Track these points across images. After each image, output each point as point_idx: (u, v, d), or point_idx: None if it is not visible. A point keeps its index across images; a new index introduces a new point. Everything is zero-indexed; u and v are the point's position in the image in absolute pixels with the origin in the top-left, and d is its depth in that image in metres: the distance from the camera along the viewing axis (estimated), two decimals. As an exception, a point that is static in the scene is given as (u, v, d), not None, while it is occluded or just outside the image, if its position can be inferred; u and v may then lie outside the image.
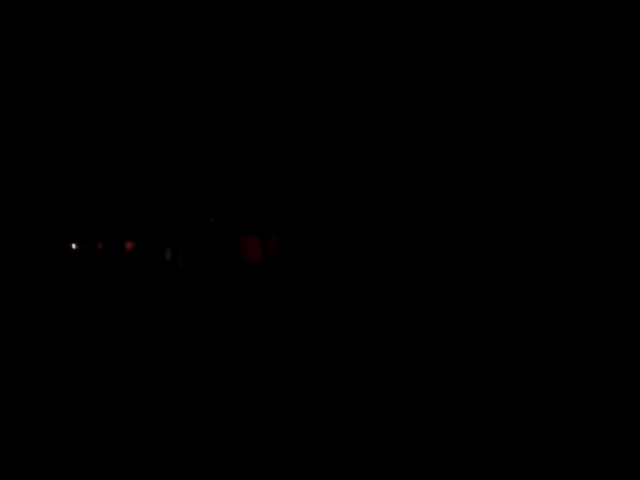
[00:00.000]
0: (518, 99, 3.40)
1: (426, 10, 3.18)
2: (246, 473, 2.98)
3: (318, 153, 4.32)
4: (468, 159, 3.76)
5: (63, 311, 5.29)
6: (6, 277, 5.19)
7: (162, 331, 5.24)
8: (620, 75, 3.10)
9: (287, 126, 4.39)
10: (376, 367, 3.82)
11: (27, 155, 4.33)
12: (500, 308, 3.93)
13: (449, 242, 3.90)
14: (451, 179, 3.76)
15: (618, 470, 3.03)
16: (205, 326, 5.19)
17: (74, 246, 4.67)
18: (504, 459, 3.10)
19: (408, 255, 4.37)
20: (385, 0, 3.29)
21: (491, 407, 3.47)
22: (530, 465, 3.09)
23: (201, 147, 4.63)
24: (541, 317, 3.79)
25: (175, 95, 4.21)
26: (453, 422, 3.40)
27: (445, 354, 3.72)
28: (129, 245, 5.12)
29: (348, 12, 3.34)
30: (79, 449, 3.22)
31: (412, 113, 3.46)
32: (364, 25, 3.41)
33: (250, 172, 4.80)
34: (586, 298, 3.69)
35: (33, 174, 4.40)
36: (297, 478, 2.91)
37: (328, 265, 5.12)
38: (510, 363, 3.74)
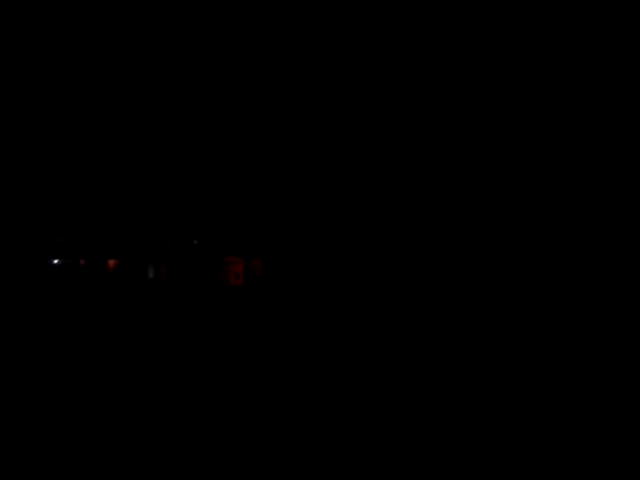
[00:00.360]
0: (517, 99, 3.45)
1: (426, 10, 3.24)
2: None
3: (302, 177, 4.36)
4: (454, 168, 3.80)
5: (43, 325, 5.22)
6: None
7: (141, 347, 5.17)
8: (620, 75, 3.16)
9: (271, 150, 4.43)
10: (357, 388, 3.76)
11: (9, 170, 4.33)
12: (495, 309, 3.91)
13: (435, 267, 3.91)
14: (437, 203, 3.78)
15: (618, 470, 2.99)
16: (183, 345, 5.14)
17: (56, 261, 4.64)
18: (504, 459, 3.05)
19: (393, 280, 4.38)
20: (385, 1, 3.35)
21: (489, 406, 3.42)
22: (530, 465, 3.04)
23: (186, 169, 4.66)
24: (538, 315, 3.77)
25: (159, 116, 4.24)
26: (447, 423, 3.35)
27: (433, 370, 3.67)
28: (112, 262, 5.09)
29: (346, 13, 3.40)
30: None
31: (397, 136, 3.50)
32: (356, 27, 3.47)
33: (235, 195, 4.83)
34: (585, 297, 3.68)
35: (17, 188, 4.39)
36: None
37: (311, 288, 5.12)
38: (507, 361, 3.69)
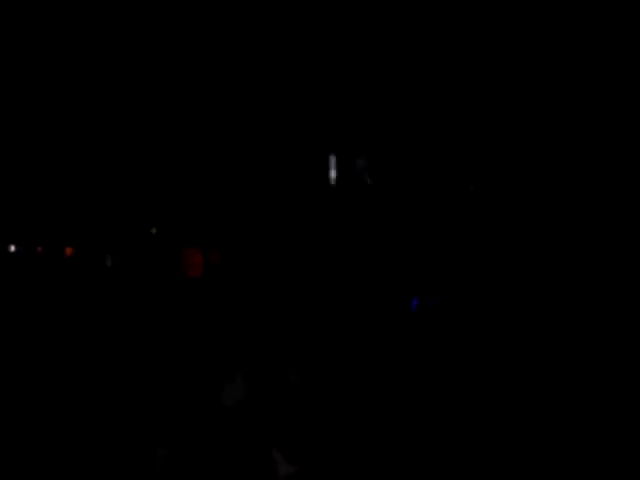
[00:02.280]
0: (516, 99, 3.59)
1: (426, 10, 3.36)
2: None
3: (262, 167, 4.48)
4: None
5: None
6: None
7: (93, 338, 5.22)
8: (620, 75, 3.27)
9: (229, 138, 4.54)
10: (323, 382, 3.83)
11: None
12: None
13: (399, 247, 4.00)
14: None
15: (618, 470, 3.13)
16: (136, 336, 5.19)
17: (12, 248, 4.69)
18: (504, 459, 3.17)
19: (358, 275, 4.46)
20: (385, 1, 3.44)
21: (489, 405, 3.52)
22: (530, 465, 3.16)
23: (145, 156, 4.75)
24: (538, 315, 3.88)
25: (123, 106, 4.34)
26: (447, 423, 3.44)
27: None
28: (68, 250, 5.13)
29: (344, 13, 3.49)
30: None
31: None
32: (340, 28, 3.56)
33: (193, 184, 4.92)
34: (584, 298, 3.79)
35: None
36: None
37: (272, 279, 5.23)
38: (508, 362, 3.78)
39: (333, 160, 3.80)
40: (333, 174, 3.80)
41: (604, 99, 3.39)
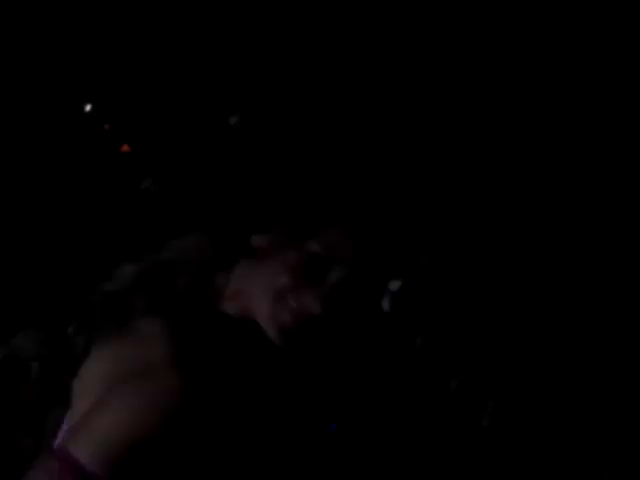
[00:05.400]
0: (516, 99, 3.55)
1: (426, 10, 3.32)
2: None
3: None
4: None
5: None
6: None
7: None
8: (620, 75, 3.23)
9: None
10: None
11: None
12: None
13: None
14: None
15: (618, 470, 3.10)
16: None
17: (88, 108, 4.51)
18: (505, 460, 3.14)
19: None
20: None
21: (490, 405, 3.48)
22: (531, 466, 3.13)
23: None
24: (538, 315, 3.83)
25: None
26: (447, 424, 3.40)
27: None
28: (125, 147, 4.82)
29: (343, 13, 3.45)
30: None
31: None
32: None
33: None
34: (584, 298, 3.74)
35: None
36: None
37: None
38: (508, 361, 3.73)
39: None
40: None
41: (604, 99, 3.37)
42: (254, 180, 3.96)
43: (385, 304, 3.60)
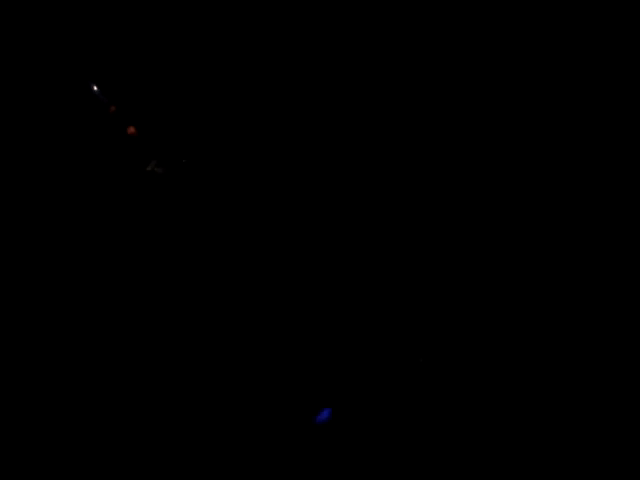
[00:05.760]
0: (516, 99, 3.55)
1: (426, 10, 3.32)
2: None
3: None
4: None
5: None
6: None
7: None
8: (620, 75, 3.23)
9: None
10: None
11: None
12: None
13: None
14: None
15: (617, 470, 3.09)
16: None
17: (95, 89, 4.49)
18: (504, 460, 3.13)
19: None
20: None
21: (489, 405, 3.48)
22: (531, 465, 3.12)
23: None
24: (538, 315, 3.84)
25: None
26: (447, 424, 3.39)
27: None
28: (131, 129, 4.82)
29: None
30: None
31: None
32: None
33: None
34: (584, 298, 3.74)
35: None
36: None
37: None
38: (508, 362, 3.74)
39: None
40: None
41: (604, 99, 3.38)
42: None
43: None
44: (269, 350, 4.13)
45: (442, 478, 3.16)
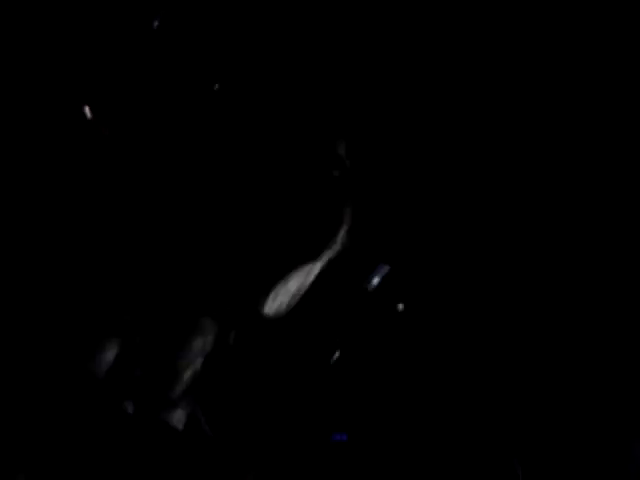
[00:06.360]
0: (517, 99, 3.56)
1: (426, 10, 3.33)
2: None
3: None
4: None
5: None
6: None
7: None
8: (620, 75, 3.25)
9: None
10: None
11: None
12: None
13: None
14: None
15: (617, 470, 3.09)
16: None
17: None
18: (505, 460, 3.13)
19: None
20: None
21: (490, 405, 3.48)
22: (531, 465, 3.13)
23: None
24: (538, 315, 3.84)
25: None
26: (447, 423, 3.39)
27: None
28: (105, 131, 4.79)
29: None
30: None
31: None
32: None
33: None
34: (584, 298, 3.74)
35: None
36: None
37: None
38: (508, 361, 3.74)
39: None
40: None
41: (604, 99, 3.40)
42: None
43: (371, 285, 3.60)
44: (270, 350, 4.16)
45: (442, 478, 3.17)
